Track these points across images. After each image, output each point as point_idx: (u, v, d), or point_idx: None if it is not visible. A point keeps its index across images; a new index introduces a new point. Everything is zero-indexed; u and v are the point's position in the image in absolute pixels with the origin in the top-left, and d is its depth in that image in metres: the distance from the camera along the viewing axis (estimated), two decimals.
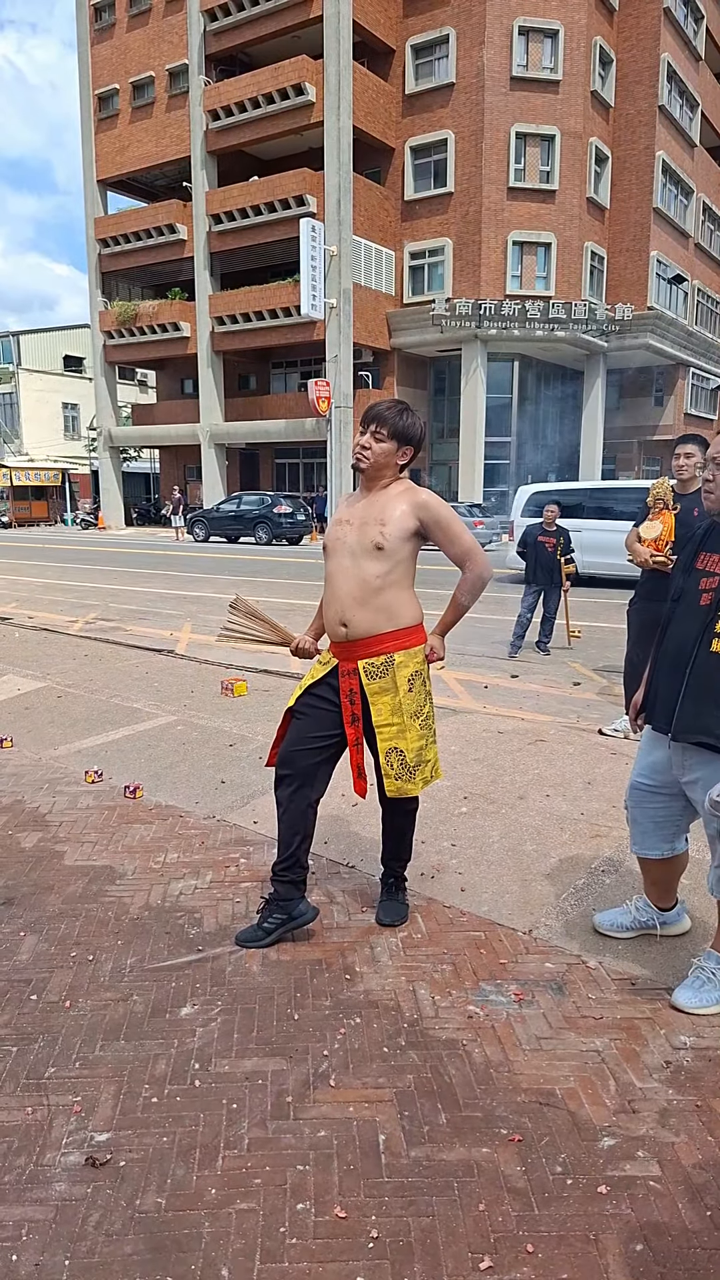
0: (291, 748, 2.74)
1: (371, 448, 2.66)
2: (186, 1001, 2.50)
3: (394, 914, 2.90)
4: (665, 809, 2.57)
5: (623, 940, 2.78)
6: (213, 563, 18.49)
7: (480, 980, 2.59)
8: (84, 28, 31.39)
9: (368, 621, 2.65)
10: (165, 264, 30.78)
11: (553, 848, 3.43)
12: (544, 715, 5.62)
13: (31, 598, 12.23)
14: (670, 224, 31.31)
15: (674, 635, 2.44)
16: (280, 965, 2.68)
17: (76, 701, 5.76)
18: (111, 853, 3.51)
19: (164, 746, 4.79)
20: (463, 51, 26.13)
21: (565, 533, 8.08)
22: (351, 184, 25.79)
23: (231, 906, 3.05)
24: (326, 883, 3.22)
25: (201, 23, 27.52)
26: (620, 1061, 2.25)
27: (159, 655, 7.34)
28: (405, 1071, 2.21)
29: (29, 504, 37.15)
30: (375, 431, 2.66)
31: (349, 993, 2.54)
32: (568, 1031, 2.36)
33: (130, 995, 2.54)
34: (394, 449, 2.67)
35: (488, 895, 3.09)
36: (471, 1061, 2.24)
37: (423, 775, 2.75)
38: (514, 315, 25.79)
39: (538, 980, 2.59)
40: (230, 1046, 2.31)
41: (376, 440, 2.66)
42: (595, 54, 27.23)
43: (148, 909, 3.03)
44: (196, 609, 10.97)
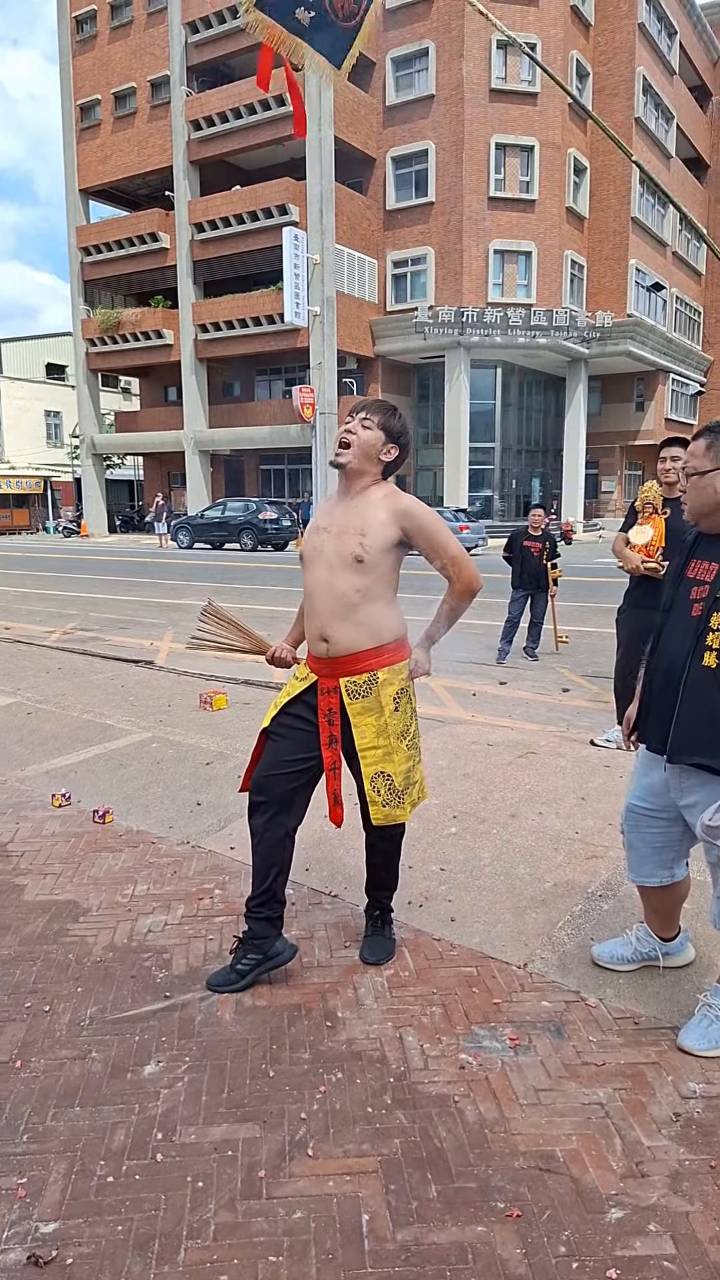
0: (266, 772, 2.52)
1: (358, 433, 2.45)
2: (151, 1058, 2.28)
3: (379, 951, 2.69)
4: (664, 833, 2.38)
5: (623, 974, 2.58)
6: (197, 570, 18.26)
7: (473, 1024, 2.38)
8: (66, 39, 31.26)
9: (350, 638, 2.45)
10: (148, 272, 30.64)
11: (547, 870, 3.23)
12: (533, 724, 5.43)
13: (8, 607, 11.96)
14: (648, 233, 31.53)
15: (665, 649, 2.26)
16: (255, 1012, 2.46)
17: (47, 718, 5.52)
18: (76, 885, 3.28)
19: (137, 766, 4.56)
20: (442, 64, 26.23)
21: (551, 537, 7.92)
22: (334, 193, 25.76)
23: (204, 945, 2.82)
24: (307, 915, 3.00)
25: (183, 35, 27.48)
26: (625, 1115, 2.04)
27: (135, 667, 7.11)
28: (391, 1135, 1.99)
29: (10, 512, 36.80)
30: (364, 419, 2.46)
31: (330, 1043, 2.32)
32: (568, 1081, 2.16)
33: (89, 1052, 2.31)
34: (380, 440, 2.47)
35: (479, 925, 2.88)
36: (464, 1121, 2.03)
37: (410, 798, 2.54)
38: (496, 323, 25.79)
39: (534, 1022, 2.39)
40: (198, 1111, 2.09)
41: (364, 427, 2.46)
42: (572, 67, 27.41)
43: (112, 949, 2.80)
44: (179, 617, 10.73)
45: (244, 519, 24.19)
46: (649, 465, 33.88)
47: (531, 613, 7.89)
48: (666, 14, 30.99)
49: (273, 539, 24.01)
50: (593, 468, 32.57)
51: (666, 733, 2.18)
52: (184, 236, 28.60)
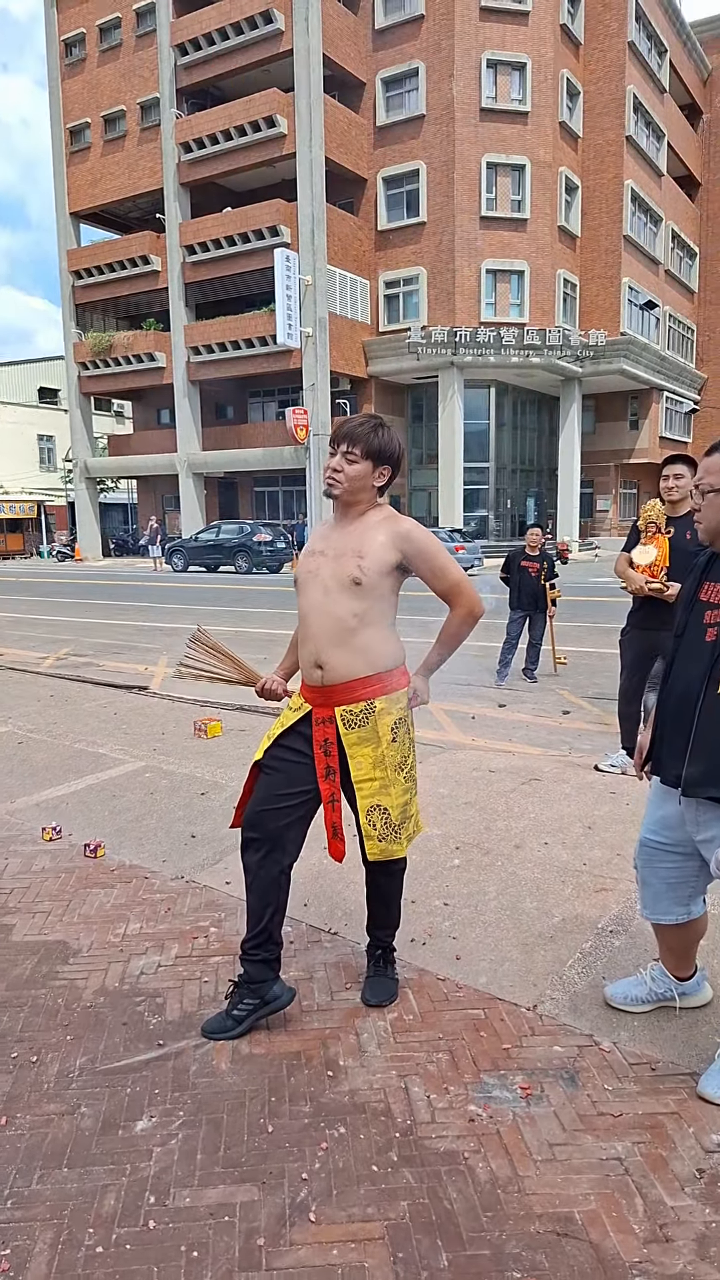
0: (259, 807, 2.42)
1: (344, 470, 2.37)
2: (143, 1112, 2.16)
3: (382, 993, 2.57)
4: (679, 869, 2.28)
5: (638, 1015, 2.47)
6: (191, 593, 18.19)
7: (482, 1072, 2.27)
8: (55, 63, 31.55)
9: (346, 664, 2.36)
10: (139, 295, 30.76)
11: (555, 904, 3.13)
12: (535, 748, 5.34)
13: (1, 633, 11.85)
14: (640, 251, 31.76)
15: (679, 676, 2.17)
16: (253, 1061, 2.34)
17: (38, 748, 5.41)
18: (66, 924, 3.16)
19: (130, 797, 4.45)
20: (432, 84, 26.47)
21: (549, 557, 7.86)
22: (325, 214, 25.92)
23: (199, 987, 2.71)
24: (306, 954, 2.89)
25: (172, 57, 27.73)
26: (646, 1172, 1.93)
27: (129, 693, 7.00)
28: (398, 1197, 1.88)
29: (4, 537, 36.73)
30: (347, 453, 2.37)
31: (332, 1094, 2.21)
32: (584, 1134, 2.05)
33: (78, 1106, 2.19)
34: (369, 470, 2.39)
35: (486, 964, 2.77)
36: (475, 1180, 1.92)
37: (407, 832, 2.44)
38: (489, 342, 25.90)
39: (546, 1069, 2.28)
40: (193, 1171, 1.97)
41: (349, 462, 2.37)
42: (563, 86, 27.70)
43: (103, 993, 2.69)
44: (173, 641, 10.62)
45: (238, 541, 24.16)
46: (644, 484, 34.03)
47: (530, 633, 7.81)
48: (656, 32, 31.36)
49: (267, 561, 23.97)
50: (588, 487, 32.64)
51: (681, 765, 2.08)
52: (175, 259, 28.74)
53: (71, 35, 30.79)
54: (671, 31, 33.23)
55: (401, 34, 26.87)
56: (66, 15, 30.89)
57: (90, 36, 30.35)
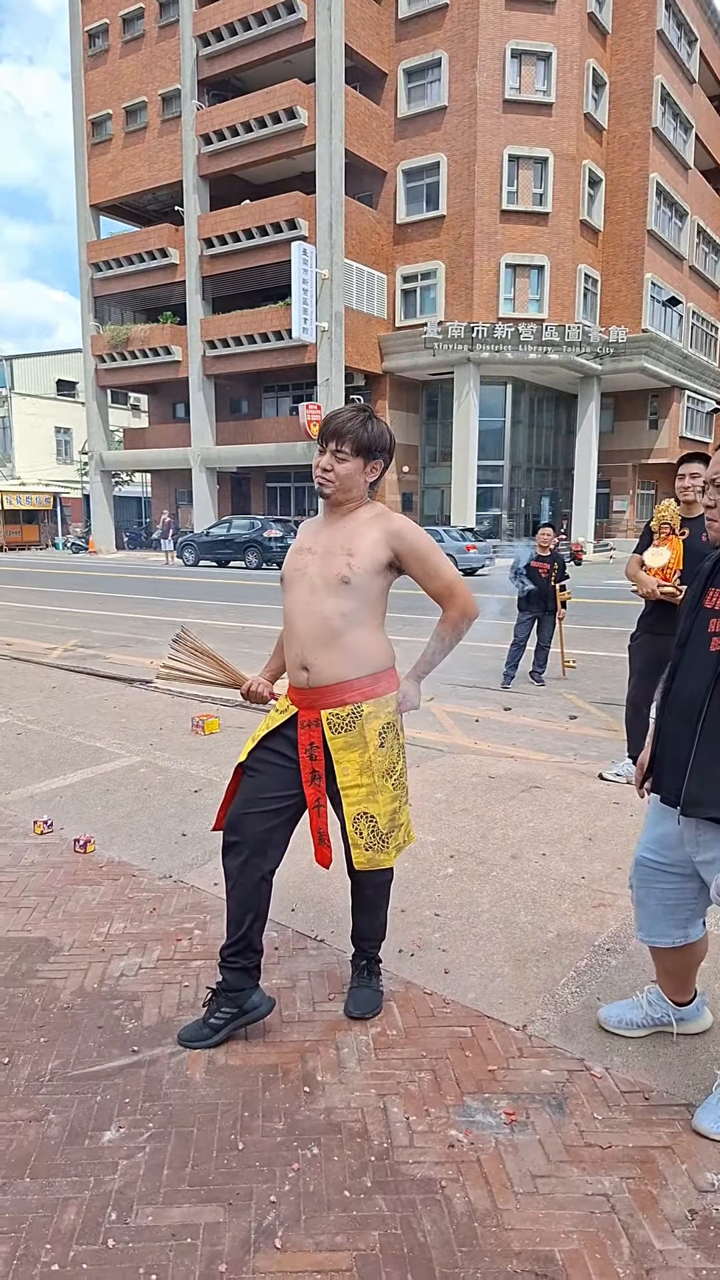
0: (242, 810, 2.34)
1: (334, 470, 2.29)
2: (112, 1122, 2.08)
3: (365, 1005, 2.48)
4: (677, 890, 2.16)
5: (633, 1040, 2.37)
6: (201, 588, 18.15)
7: (465, 1094, 2.18)
8: (78, 54, 31.54)
9: (332, 666, 2.27)
10: (157, 288, 30.72)
11: (550, 919, 3.02)
12: (539, 754, 5.23)
13: (12, 623, 11.84)
14: (664, 246, 31.38)
15: (680, 687, 2.05)
16: (227, 1073, 2.26)
17: (37, 739, 5.35)
18: (50, 921, 3.09)
19: (124, 792, 4.38)
20: (455, 75, 26.22)
21: (560, 558, 7.73)
22: (343, 207, 25.76)
23: (178, 992, 2.63)
24: (290, 961, 2.80)
25: (194, 48, 27.63)
26: (634, 1210, 1.83)
27: (131, 687, 6.94)
28: (369, 1226, 1.79)
29: (20, 528, 36.84)
30: (336, 451, 2.28)
31: (307, 1111, 2.12)
32: (569, 1167, 1.95)
33: (46, 1113, 2.12)
34: (360, 466, 2.29)
35: (475, 979, 2.67)
36: (452, 1211, 1.83)
37: (396, 842, 2.35)
38: (507, 338, 25.66)
39: (533, 1094, 2.18)
40: (158, 1187, 1.89)
41: (339, 460, 2.28)
42: (588, 76, 27.35)
43: (81, 995, 2.61)
44: None
45: (249, 537, 24.10)
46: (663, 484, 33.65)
47: (538, 636, 7.68)
48: (686, 20, 30.82)
49: (277, 557, 23.88)
50: (604, 487, 32.33)
51: (681, 781, 1.97)
52: (193, 252, 28.68)
53: (95, 26, 30.75)
54: (703, 20, 32.62)
55: (425, 23, 26.63)
56: (90, 6, 30.86)
57: (113, 27, 30.30)
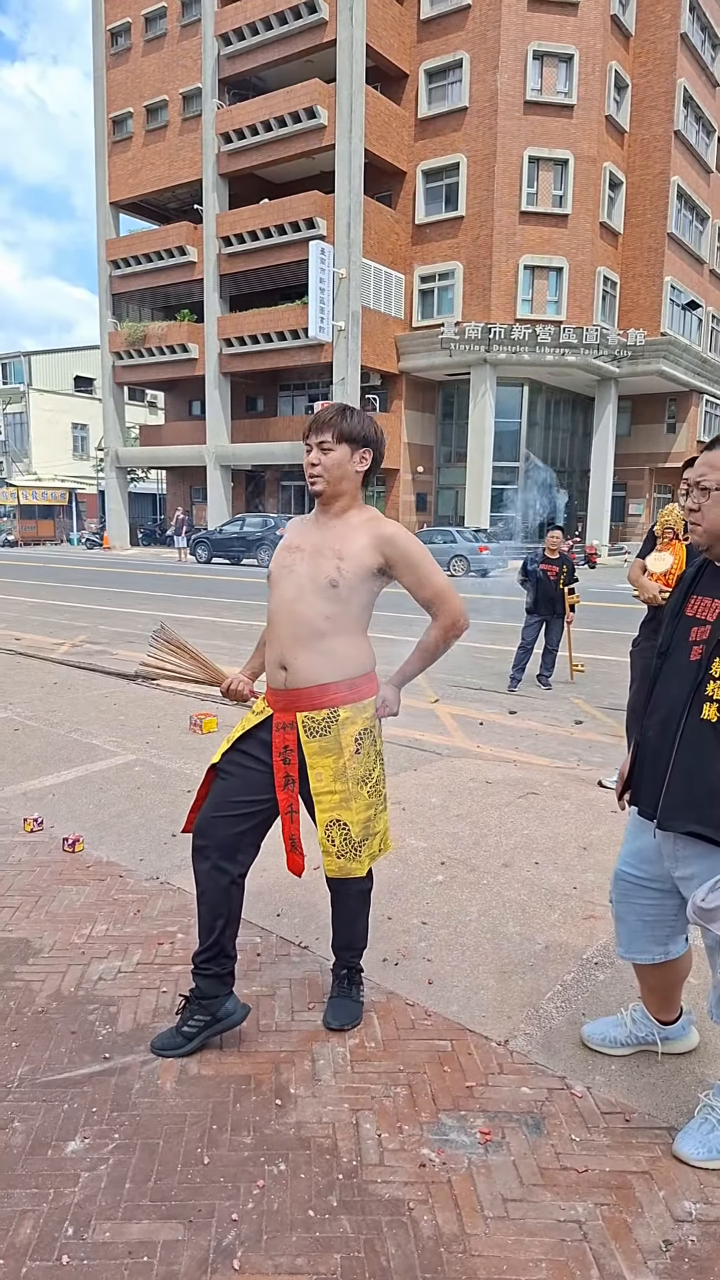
0: (211, 814, 2.28)
1: (321, 462, 2.23)
2: (77, 1132, 2.04)
3: (344, 1016, 2.42)
4: (656, 906, 2.09)
5: (616, 1058, 2.30)
6: (212, 585, 18.14)
7: (440, 1110, 2.12)
8: (100, 52, 31.66)
9: (311, 668, 2.21)
10: (175, 286, 30.78)
11: (539, 930, 2.95)
12: (541, 759, 5.15)
13: (22, 618, 11.86)
14: (685, 249, 31.14)
15: (661, 698, 1.98)
16: (199, 1083, 2.21)
17: (34, 735, 5.33)
18: (33, 922, 3.05)
19: (116, 791, 4.34)
20: (476, 75, 26.12)
21: (568, 561, 7.63)
22: (362, 207, 25.71)
23: (155, 998, 2.58)
24: (272, 968, 2.75)
25: (215, 47, 27.66)
26: (607, 1239, 1.76)
27: (132, 684, 6.91)
28: (332, 1248, 1.73)
29: (36, 523, 37.05)
30: (322, 444, 2.23)
31: (277, 1125, 2.06)
32: (542, 1191, 1.88)
33: (11, 1120, 2.07)
34: (347, 455, 2.24)
35: (459, 991, 2.61)
36: (418, 1234, 1.76)
37: (370, 850, 2.29)
38: (524, 339, 25.53)
39: (510, 1112, 2.11)
40: (118, 1202, 1.84)
41: (325, 451, 2.23)
42: (610, 78, 27.17)
43: (58, 999, 2.57)
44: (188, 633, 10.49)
45: (261, 535, 24.10)
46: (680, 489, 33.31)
47: (546, 639, 7.59)
48: (711, 24, 30.56)
49: None
50: (620, 490, 32.11)
51: (658, 794, 1.90)
52: (211, 250, 28.71)
53: (117, 25, 30.86)
54: None
55: (447, 24, 26.54)
56: (113, 5, 30.98)
57: (136, 26, 30.39)
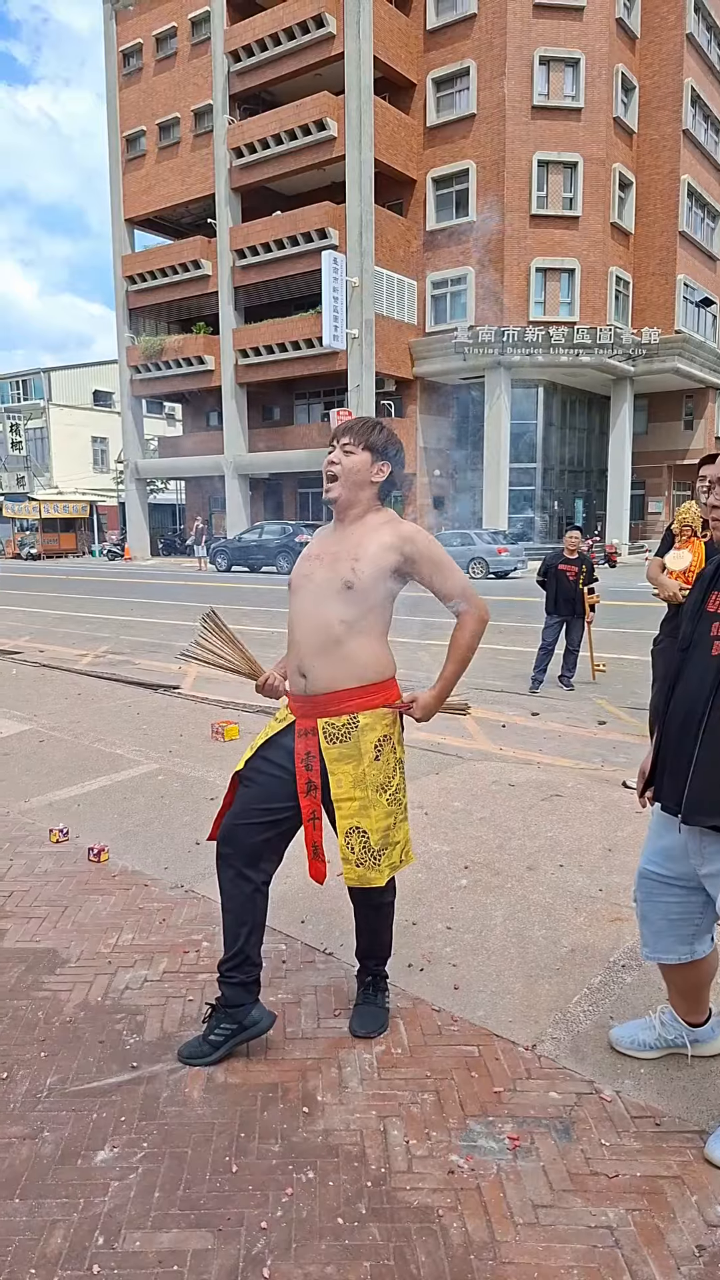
0: (235, 821, 2.29)
1: (341, 462, 2.25)
2: (106, 1141, 2.04)
3: (370, 1023, 2.42)
4: (681, 904, 2.07)
5: (645, 1061, 2.27)
6: (232, 593, 18.23)
7: (468, 1117, 2.10)
8: (113, 73, 32.08)
9: (329, 674, 2.22)
10: (190, 299, 31.05)
11: (565, 933, 2.93)
12: (564, 759, 5.12)
13: (46, 630, 11.99)
14: (697, 247, 31.00)
15: (683, 693, 1.97)
16: (226, 1091, 2.21)
17: (58, 746, 5.37)
18: (60, 932, 3.07)
19: (140, 800, 4.37)
20: (483, 83, 26.18)
21: (588, 560, 7.60)
22: (373, 216, 25.82)
23: (182, 1006, 2.59)
24: (297, 975, 2.75)
25: (226, 64, 27.93)
26: (639, 1245, 1.74)
27: (154, 694, 6.95)
28: (362, 1256, 1.72)
29: (58, 536, 37.40)
30: (345, 445, 2.26)
31: (305, 1133, 2.06)
32: (573, 1197, 1.86)
33: (41, 1130, 2.09)
34: (367, 462, 2.26)
35: (485, 996, 2.59)
36: (448, 1242, 1.75)
37: (389, 860, 2.27)
38: (538, 341, 25.49)
39: (539, 1118, 2.10)
40: (148, 1211, 1.84)
41: (347, 453, 2.25)
42: (617, 81, 27.15)
43: (85, 1008, 2.59)
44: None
45: (280, 542, 24.19)
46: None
47: (567, 640, 7.56)
48: (716, 23, 30.51)
49: None
50: (639, 488, 31.92)
51: (681, 789, 1.88)
52: (225, 263, 28.94)
53: (129, 46, 31.25)
54: None
55: (453, 33, 26.64)
56: (125, 26, 31.38)
57: (147, 46, 30.77)
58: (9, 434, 42.82)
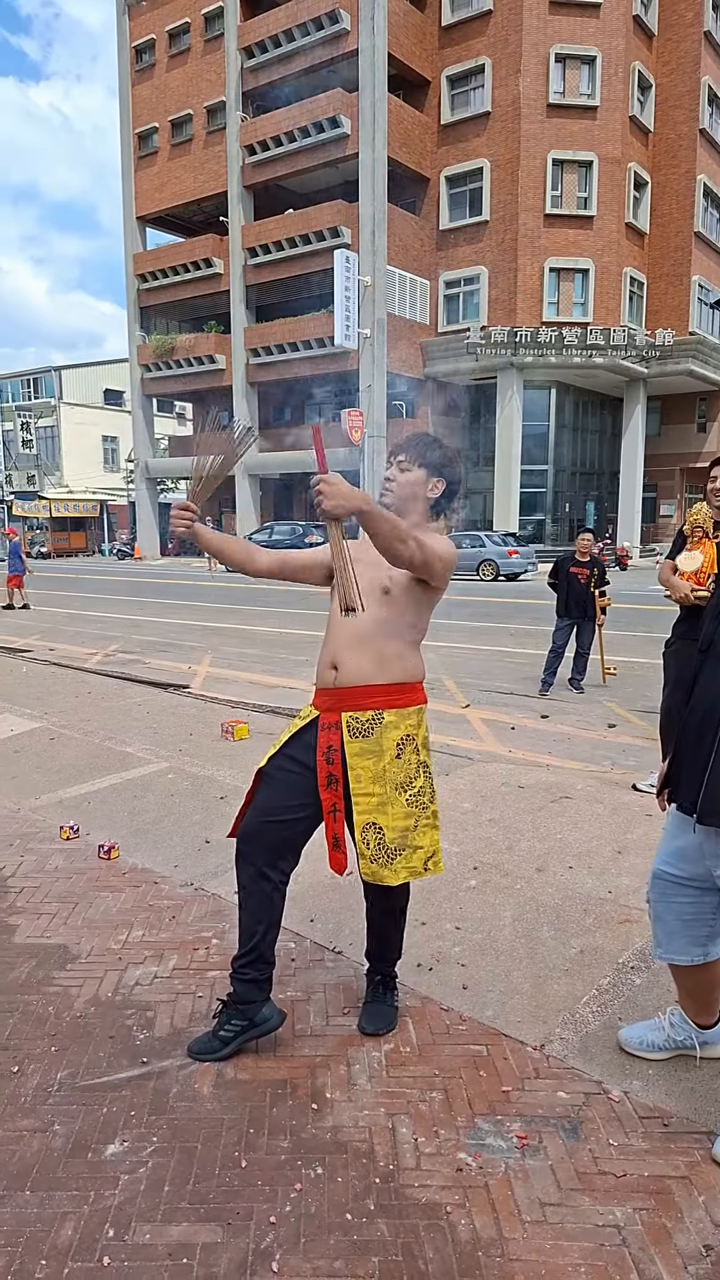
0: (256, 819, 2.31)
1: (396, 479, 2.31)
2: (116, 1135, 2.06)
3: (379, 1021, 2.43)
4: (695, 905, 2.08)
5: (654, 1062, 2.28)
6: (241, 593, 18.26)
7: (476, 1115, 2.11)
8: (125, 69, 32.16)
9: (360, 668, 2.24)
10: (202, 298, 31.12)
11: (574, 935, 2.93)
12: (574, 762, 5.12)
13: (56, 628, 12.05)
14: (712, 248, 30.85)
15: (703, 694, 1.98)
16: (236, 1087, 2.23)
17: (69, 744, 5.40)
18: (70, 928, 3.10)
19: (150, 798, 4.39)
20: (499, 80, 26.13)
21: (599, 563, 7.58)
22: (386, 215, 25.82)
23: (191, 1003, 2.60)
24: (306, 973, 2.76)
25: (239, 60, 27.97)
26: (646, 1245, 1.74)
27: (164, 692, 6.98)
28: (370, 1251, 1.73)
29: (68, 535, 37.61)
30: (401, 462, 2.32)
31: (314, 1129, 2.07)
32: (580, 1195, 1.87)
33: (52, 1124, 2.10)
34: (423, 479, 2.30)
35: (494, 996, 2.60)
36: (455, 1238, 1.76)
37: (407, 864, 2.27)
38: (550, 342, 25.43)
39: (548, 1117, 2.10)
40: (158, 1204, 1.86)
41: (402, 470, 2.31)
42: (634, 79, 27.05)
43: (95, 1004, 2.61)
44: (219, 641, 10.65)
45: (290, 543, 24.27)
46: None
47: (577, 642, 7.54)
48: None
49: None
50: (651, 491, 31.82)
51: (698, 790, 1.89)
52: (237, 261, 28.99)
53: (142, 41, 31.33)
54: None
55: (469, 30, 26.61)
56: (138, 22, 31.47)
57: (160, 42, 30.84)
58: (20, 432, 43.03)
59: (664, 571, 4.28)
